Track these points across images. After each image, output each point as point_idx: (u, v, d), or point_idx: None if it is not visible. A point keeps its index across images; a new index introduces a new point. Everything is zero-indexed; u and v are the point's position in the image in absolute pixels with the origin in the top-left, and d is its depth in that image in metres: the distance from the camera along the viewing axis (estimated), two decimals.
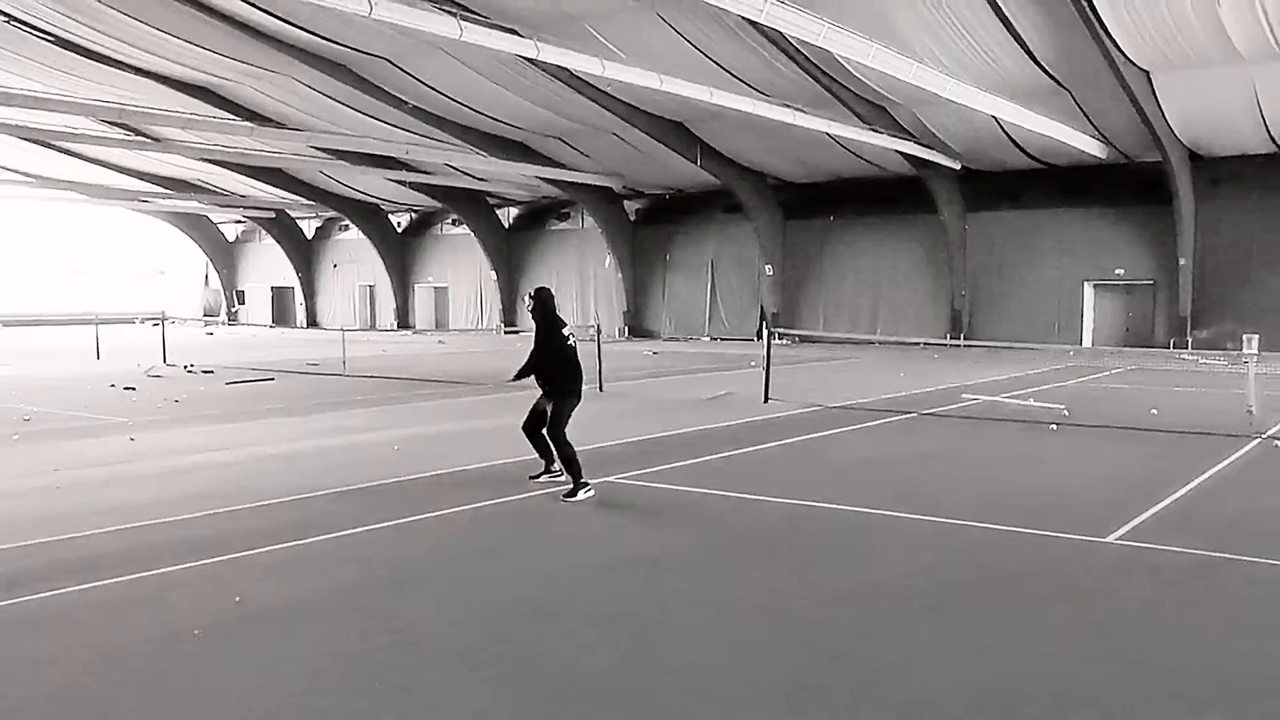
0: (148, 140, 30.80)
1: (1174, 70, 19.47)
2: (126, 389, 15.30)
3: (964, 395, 14.13)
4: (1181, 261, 24.45)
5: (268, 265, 45.62)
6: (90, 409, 12.88)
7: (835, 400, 13.55)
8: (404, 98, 24.90)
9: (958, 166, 25.81)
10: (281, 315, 45.31)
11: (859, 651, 4.27)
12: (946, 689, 3.87)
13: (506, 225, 38.35)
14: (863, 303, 30.03)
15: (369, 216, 40.20)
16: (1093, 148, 23.23)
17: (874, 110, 22.84)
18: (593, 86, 22.61)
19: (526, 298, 7.42)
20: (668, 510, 7.07)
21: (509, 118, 26.51)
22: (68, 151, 34.91)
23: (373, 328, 40.60)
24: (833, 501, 7.12)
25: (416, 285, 41.06)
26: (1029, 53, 19.05)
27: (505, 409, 11.77)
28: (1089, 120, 22.32)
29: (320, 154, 30.89)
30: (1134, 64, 19.20)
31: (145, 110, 23.50)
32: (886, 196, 28.64)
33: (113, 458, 9.13)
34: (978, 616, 4.71)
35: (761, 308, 31.32)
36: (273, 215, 42.55)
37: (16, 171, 36.87)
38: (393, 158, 30.18)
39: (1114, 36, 17.89)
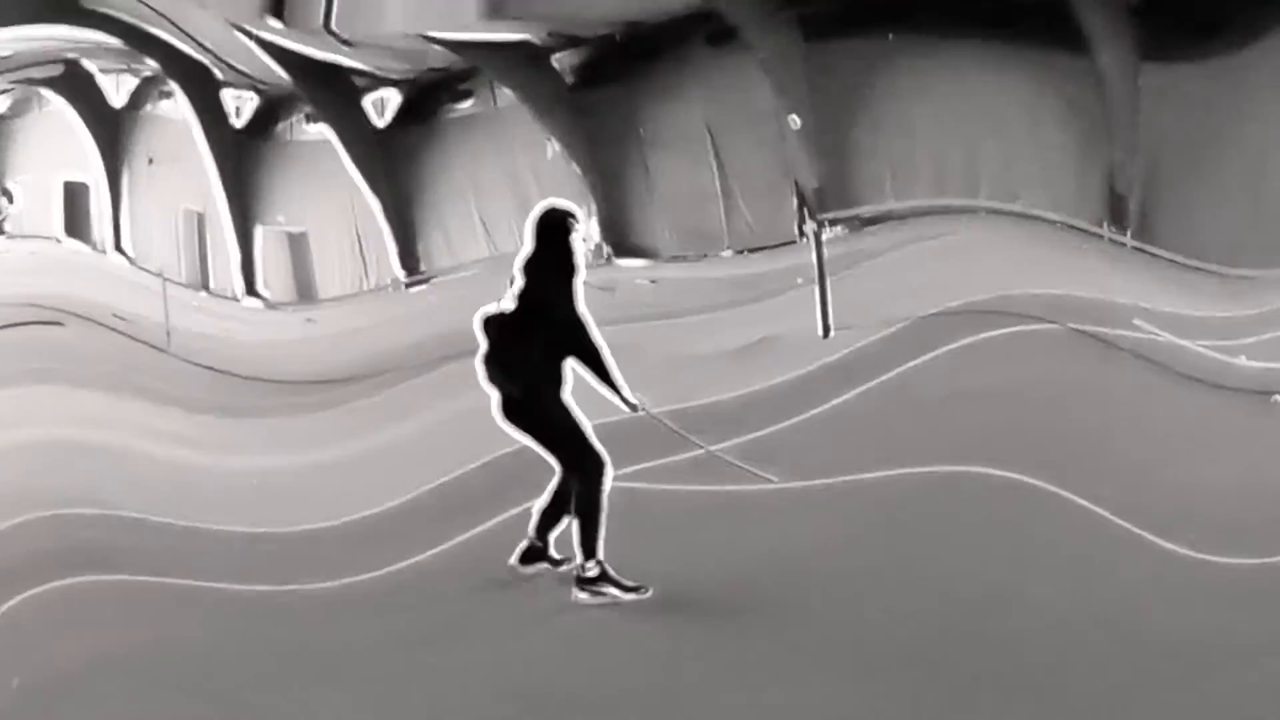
0: None
1: None
2: None
3: (1135, 321, 13.89)
4: None
5: (54, 149, 45.14)
6: None
7: (930, 305, 13.19)
8: None
9: None
10: (78, 225, 45.02)
11: None
12: None
13: (382, 122, 37.89)
14: (953, 154, 29.48)
15: (200, 83, 39.61)
16: None
17: None
18: None
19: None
20: (681, 530, 7.10)
21: None
22: None
23: (205, 287, 40.23)
24: (943, 487, 7.02)
25: (263, 228, 40.62)
26: None
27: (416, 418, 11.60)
28: None
29: None
30: None
31: None
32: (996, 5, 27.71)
33: None
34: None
35: (795, 185, 31.15)
36: (59, 70, 42.00)
37: None
38: None
39: None
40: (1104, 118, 27.56)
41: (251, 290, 39.41)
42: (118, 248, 42.98)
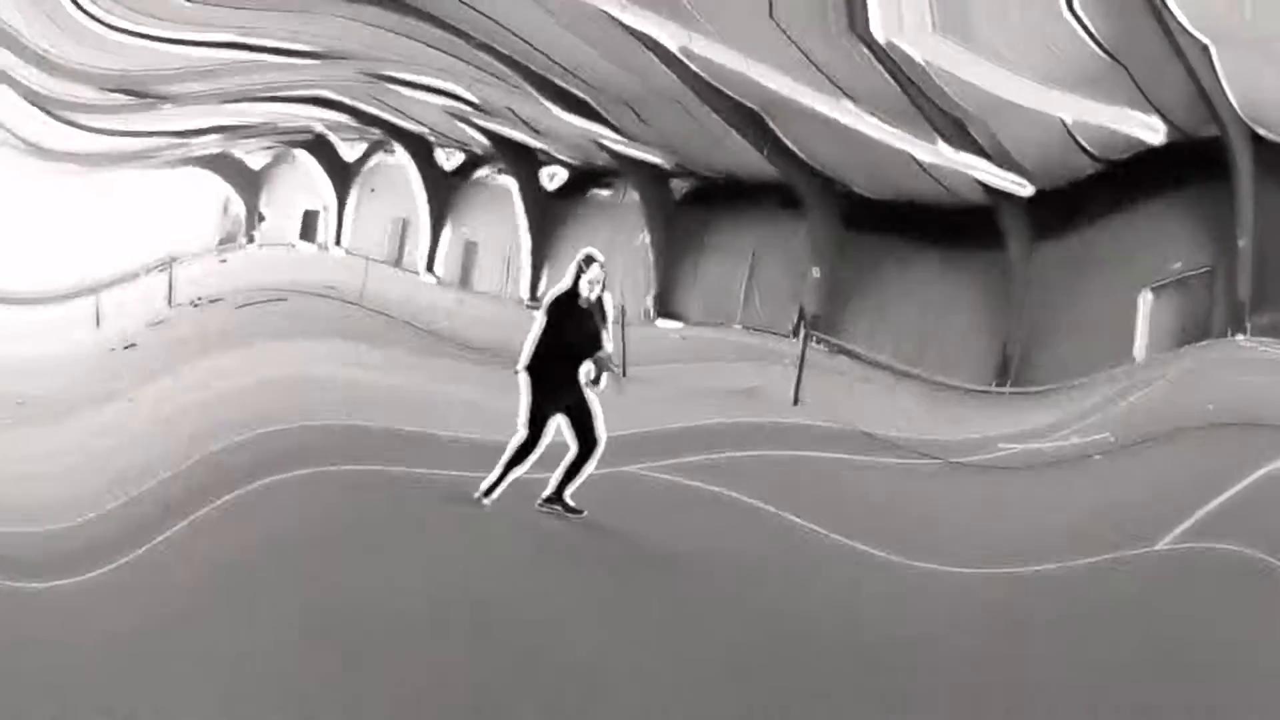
0: (154, 99, 33.81)
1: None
2: (127, 348, 19.42)
3: (1000, 445, 16.18)
4: (1241, 243, 26.19)
5: (297, 187, 52.21)
6: (85, 380, 16.17)
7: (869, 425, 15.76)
8: (472, 33, 28.41)
9: (1030, 192, 29.37)
10: (309, 235, 51.84)
11: None
12: None
13: (547, 188, 43.95)
14: (908, 331, 33.22)
15: (416, 146, 46.08)
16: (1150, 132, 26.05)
17: (952, 125, 27.04)
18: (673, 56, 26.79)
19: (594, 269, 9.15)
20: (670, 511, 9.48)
21: (577, 68, 30.70)
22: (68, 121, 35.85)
23: (399, 263, 46.96)
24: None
25: (450, 232, 47.16)
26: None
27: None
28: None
29: (368, 79, 35.72)
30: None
31: (148, 72, 26.89)
32: (954, 225, 31.72)
33: (113, 426, 12.21)
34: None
35: (801, 307, 36.03)
36: (310, 137, 48.40)
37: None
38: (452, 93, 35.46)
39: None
40: (1006, 296, 31.67)
41: (430, 269, 45.46)
42: (337, 243, 49.41)
